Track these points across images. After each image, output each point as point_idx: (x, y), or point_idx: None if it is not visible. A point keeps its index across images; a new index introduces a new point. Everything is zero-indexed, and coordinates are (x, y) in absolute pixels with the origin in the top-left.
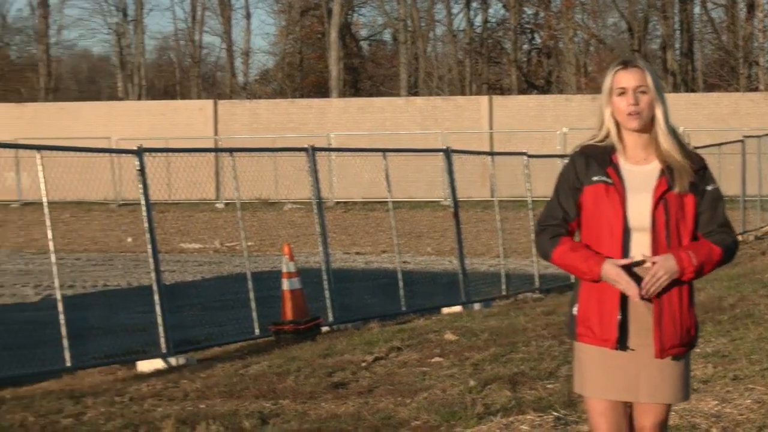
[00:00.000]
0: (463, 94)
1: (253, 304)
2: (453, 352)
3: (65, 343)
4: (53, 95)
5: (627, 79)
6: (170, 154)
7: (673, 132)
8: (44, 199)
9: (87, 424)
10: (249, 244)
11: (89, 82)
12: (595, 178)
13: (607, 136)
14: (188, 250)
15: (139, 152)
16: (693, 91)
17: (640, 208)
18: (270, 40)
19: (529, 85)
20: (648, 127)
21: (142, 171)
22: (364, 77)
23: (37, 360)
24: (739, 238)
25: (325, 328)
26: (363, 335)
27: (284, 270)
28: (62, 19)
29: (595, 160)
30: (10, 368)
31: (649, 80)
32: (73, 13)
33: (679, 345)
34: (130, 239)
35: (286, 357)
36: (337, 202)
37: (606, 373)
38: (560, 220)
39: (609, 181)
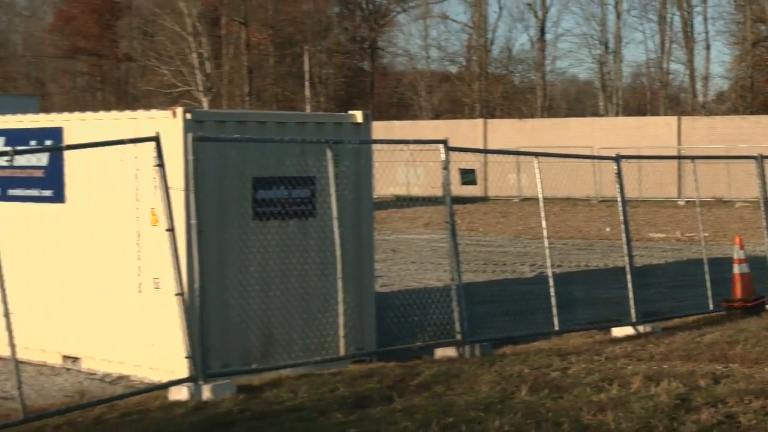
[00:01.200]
0: None
1: (708, 284)
2: None
3: (554, 311)
4: (547, 113)
5: None
6: (641, 160)
7: None
8: (540, 195)
9: (571, 377)
10: (705, 234)
11: (576, 102)
12: None
13: None
14: (654, 239)
15: (617, 159)
16: None
17: None
18: (726, 66)
19: None
20: None
21: (619, 174)
22: None
23: (531, 323)
24: None
25: None
26: None
27: (735, 257)
28: (556, 51)
29: None
30: (511, 329)
31: None
32: (564, 47)
33: None
34: (608, 229)
35: (735, 329)
36: None
37: None
38: None
39: None
